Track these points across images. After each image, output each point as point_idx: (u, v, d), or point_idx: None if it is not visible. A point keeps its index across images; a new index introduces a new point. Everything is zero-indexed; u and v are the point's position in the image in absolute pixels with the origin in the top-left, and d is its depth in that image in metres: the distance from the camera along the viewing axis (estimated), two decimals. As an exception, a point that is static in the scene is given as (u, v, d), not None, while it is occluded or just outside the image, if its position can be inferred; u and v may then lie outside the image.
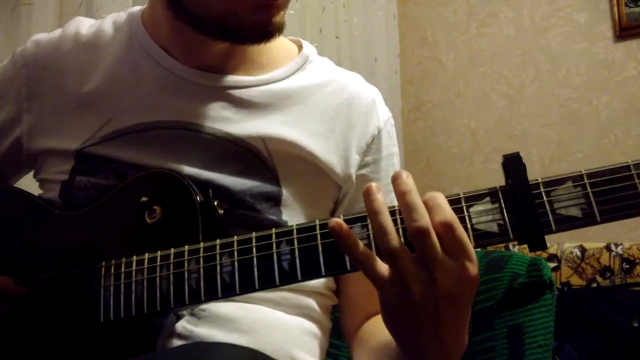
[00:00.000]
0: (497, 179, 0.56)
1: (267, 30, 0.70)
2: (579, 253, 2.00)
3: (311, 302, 0.77)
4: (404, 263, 0.51)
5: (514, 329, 0.85)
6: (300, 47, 0.84)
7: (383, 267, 0.53)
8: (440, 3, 2.66)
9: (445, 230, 0.52)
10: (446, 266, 0.51)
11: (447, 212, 0.52)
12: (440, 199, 0.53)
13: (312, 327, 0.78)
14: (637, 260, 1.93)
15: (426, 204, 0.53)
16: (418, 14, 2.69)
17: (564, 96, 2.39)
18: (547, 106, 2.42)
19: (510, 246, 2.05)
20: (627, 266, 1.93)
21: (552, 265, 1.99)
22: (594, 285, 1.96)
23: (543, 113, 2.42)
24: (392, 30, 2.50)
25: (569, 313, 1.75)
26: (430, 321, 0.53)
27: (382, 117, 0.84)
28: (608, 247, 1.98)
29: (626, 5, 2.29)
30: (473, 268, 0.52)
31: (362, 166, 0.81)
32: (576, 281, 1.98)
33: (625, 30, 2.30)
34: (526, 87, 2.46)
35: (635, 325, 1.68)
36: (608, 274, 1.95)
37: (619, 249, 1.96)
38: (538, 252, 2.00)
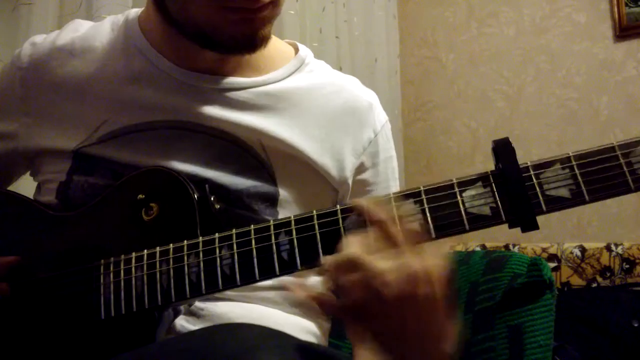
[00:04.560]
0: (498, 179, 0.57)
1: (250, 44, 0.70)
2: (579, 253, 2.00)
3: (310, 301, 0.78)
4: (356, 292, 0.52)
5: (514, 329, 0.85)
6: (296, 49, 0.84)
7: (345, 307, 0.53)
8: (440, 3, 2.65)
9: (382, 227, 0.53)
10: (383, 274, 0.51)
11: (381, 211, 0.54)
12: (371, 204, 0.55)
13: (311, 326, 0.78)
14: (637, 260, 1.93)
15: (361, 208, 0.55)
16: (418, 14, 2.69)
17: (564, 96, 2.39)
18: (547, 106, 2.41)
19: (511, 246, 2.05)
20: (627, 266, 1.93)
21: (552, 265, 1.99)
22: (594, 285, 1.95)
23: (543, 113, 2.42)
24: (392, 30, 2.50)
25: (569, 313, 1.75)
26: (402, 329, 0.53)
27: (379, 120, 0.84)
28: (608, 247, 1.97)
29: (626, 5, 2.29)
30: (410, 263, 0.51)
31: (361, 171, 0.81)
32: (576, 281, 1.98)
33: (625, 30, 2.29)
34: (526, 87, 2.46)
35: (635, 325, 1.68)
36: (608, 274, 1.95)
37: (619, 249, 1.95)
38: (538, 252, 2.01)
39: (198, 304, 0.70)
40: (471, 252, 1.06)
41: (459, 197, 0.56)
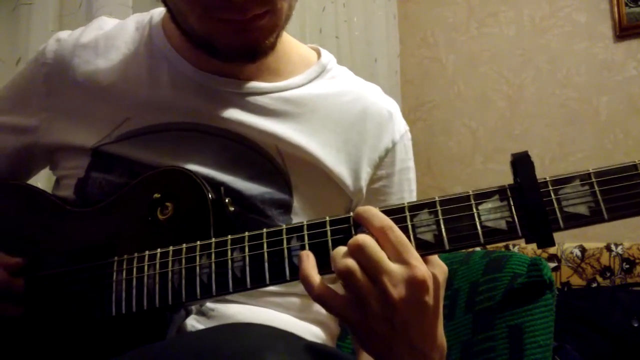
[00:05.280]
0: (498, 179, 0.57)
1: (250, 54, 0.70)
2: (579, 253, 2.00)
3: (319, 307, 0.77)
4: (358, 283, 0.52)
5: (514, 329, 0.85)
6: (319, 54, 0.84)
7: (341, 299, 0.54)
8: (440, 3, 2.66)
9: (382, 234, 0.53)
10: (393, 273, 0.52)
11: (382, 218, 0.54)
12: (373, 210, 0.55)
13: (319, 331, 0.78)
14: (637, 260, 1.93)
15: (360, 217, 0.55)
16: (418, 14, 2.69)
17: (564, 96, 2.39)
18: (547, 106, 2.42)
19: (511, 246, 2.05)
20: (627, 266, 1.93)
21: (552, 265, 1.99)
22: (594, 285, 1.95)
23: (543, 113, 2.42)
24: (392, 30, 2.51)
25: (569, 313, 1.75)
26: (398, 332, 0.53)
27: (399, 130, 0.83)
28: (608, 247, 1.98)
29: (626, 5, 2.29)
30: (420, 268, 0.52)
31: (374, 180, 0.80)
32: (576, 281, 1.98)
33: (625, 30, 2.30)
34: (526, 87, 2.46)
35: (635, 325, 1.68)
36: (608, 274, 1.95)
37: (619, 249, 1.96)
38: (538, 252, 2.01)
39: (209, 304, 0.70)
40: (471, 252, 1.06)
41: (474, 209, 0.55)
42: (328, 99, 0.79)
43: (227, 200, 0.69)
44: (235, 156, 0.74)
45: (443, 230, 0.55)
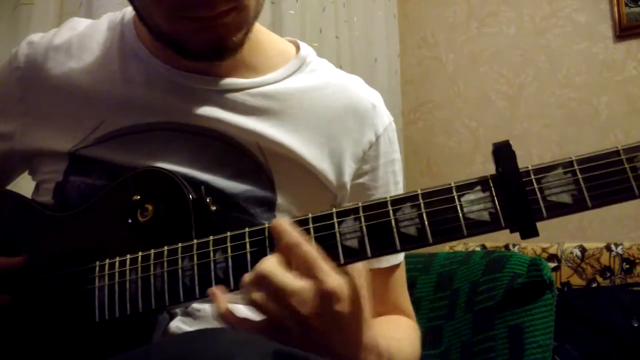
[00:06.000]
0: (498, 179, 0.56)
1: (218, 52, 0.68)
2: (579, 253, 2.00)
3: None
4: (268, 310, 0.53)
5: (514, 329, 0.85)
6: (298, 48, 0.82)
7: (260, 325, 0.55)
8: (440, 3, 2.66)
9: (289, 251, 0.54)
10: (300, 292, 0.52)
11: (289, 236, 0.54)
12: (284, 225, 0.56)
13: None
14: (637, 260, 1.93)
15: (273, 231, 0.56)
16: (418, 14, 2.69)
17: (564, 96, 2.39)
18: (547, 106, 2.42)
19: (511, 246, 2.05)
20: (627, 266, 1.93)
21: (552, 265, 1.99)
22: (594, 285, 1.95)
23: (543, 113, 2.42)
24: (392, 30, 2.50)
25: (569, 313, 1.75)
26: (319, 344, 0.54)
27: (382, 122, 0.81)
28: (608, 247, 1.97)
29: (626, 5, 2.29)
30: (327, 281, 0.52)
31: (359, 175, 0.79)
32: (576, 281, 1.98)
33: (625, 30, 2.29)
34: (526, 87, 2.46)
35: (635, 325, 1.68)
36: (608, 274, 1.95)
37: (619, 249, 1.95)
38: (538, 252, 2.01)
39: (195, 305, 0.69)
40: (471, 252, 1.06)
41: (457, 201, 0.54)
42: (309, 93, 0.77)
43: (208, 200, 0.68)
44: (216, 155, 0.73)
45: (426, 223, 0.54)
